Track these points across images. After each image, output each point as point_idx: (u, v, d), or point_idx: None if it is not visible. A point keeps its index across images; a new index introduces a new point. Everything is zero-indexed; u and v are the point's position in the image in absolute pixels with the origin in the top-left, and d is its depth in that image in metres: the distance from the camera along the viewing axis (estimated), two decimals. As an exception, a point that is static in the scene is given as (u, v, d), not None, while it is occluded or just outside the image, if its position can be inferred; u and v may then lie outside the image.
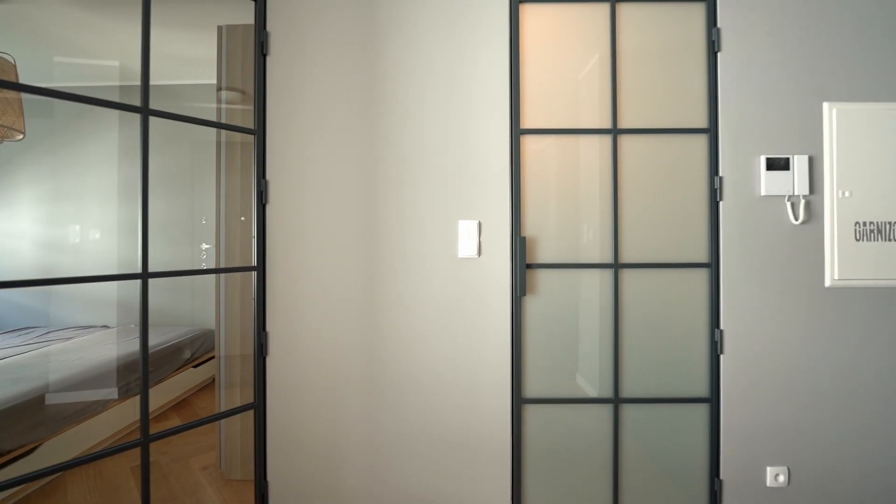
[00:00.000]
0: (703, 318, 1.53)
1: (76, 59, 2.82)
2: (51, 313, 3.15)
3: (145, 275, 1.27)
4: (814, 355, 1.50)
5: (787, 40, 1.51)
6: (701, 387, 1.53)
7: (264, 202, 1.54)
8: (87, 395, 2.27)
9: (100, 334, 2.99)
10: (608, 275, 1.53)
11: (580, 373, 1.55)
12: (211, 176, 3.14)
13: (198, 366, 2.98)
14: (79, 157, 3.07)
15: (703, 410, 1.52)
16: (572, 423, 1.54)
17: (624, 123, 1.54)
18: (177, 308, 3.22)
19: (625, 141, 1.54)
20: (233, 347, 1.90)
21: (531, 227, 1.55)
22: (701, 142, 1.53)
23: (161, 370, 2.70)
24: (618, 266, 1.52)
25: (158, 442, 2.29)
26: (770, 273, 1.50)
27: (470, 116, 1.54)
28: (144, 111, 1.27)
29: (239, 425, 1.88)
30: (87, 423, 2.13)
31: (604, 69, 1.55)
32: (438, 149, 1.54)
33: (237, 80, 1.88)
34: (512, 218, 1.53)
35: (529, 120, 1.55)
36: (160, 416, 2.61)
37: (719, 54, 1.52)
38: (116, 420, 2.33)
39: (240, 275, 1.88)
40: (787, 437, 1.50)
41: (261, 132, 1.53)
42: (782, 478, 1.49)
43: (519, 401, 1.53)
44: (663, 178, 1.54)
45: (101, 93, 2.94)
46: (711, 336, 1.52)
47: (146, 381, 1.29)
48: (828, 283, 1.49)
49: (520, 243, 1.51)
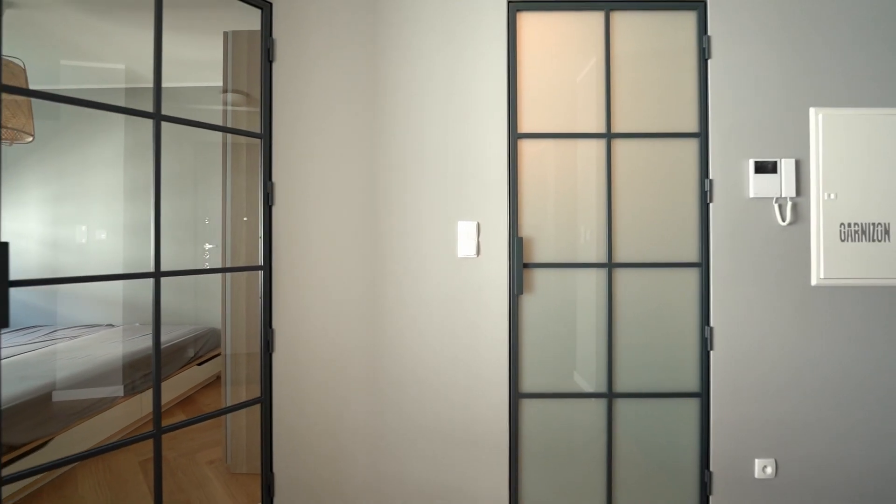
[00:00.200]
0: (694, 315, 1.58)
1: (83, 62, 2.87)
2: (57, 312, 3.20)
3: (158, 273, 1.33)
4: (800, 351, 1.56)
5: (776, 48, 1.57)
6: (692, 382, 1.58)
7: (270, 204, 1.59)
8: (93, 392, 2.32)
9: (105, 333, 3.04)
10: (602, 274, 1.59)
11: (575, 368, 1.61)
12: (214, 177, 3.20)
13: (202, 364, 3.04)
14: (85, 158, 3.12)
15: (693, 405, 1.58)
16: (568, 417, 1.60)
17: (618, 128, 1.60)
18: (181, 307, 3.27)
19: (619, 145, 1.60)
20: (238, 345, 1.95)
21: (528, 228, 1.61)
22: (692, 145, 1.59)
23: (166, 368, 2.75)
24: (611, 266, 1.58)
25: (166, 437, 2.34)
26: (758, 272, 1.56)
27: (469, 121, 1.59)
28: (157, 117, 1.32)
29: (244, 421, 1.94)
30: (93, 420, 2.18)
31: (600, 72, 1.60)
32: (438, 152, 1.59)
33: (243, 83, 1.93)
34: (510, 219, 1.59)
35: (527, 124, 1.61)
36: (166, 413, 2.66)
37: (710, 61, 1.57)
38: (123, 417, 2.38)
39: (245, 274, 1.93)
40: (775, 431, 1.56)
41: (267, 136, 1.58)
42: (770, 469, 1.55)
43: (516, 395, 1.58)
44: (656, 180, 1.59)
45: (106, 95, 3.00)
46: (702, 333, 1.58)
47: (158, 374, 1.34)
48: (814, 282, 1.55)
49: (517, 243, 1.56)
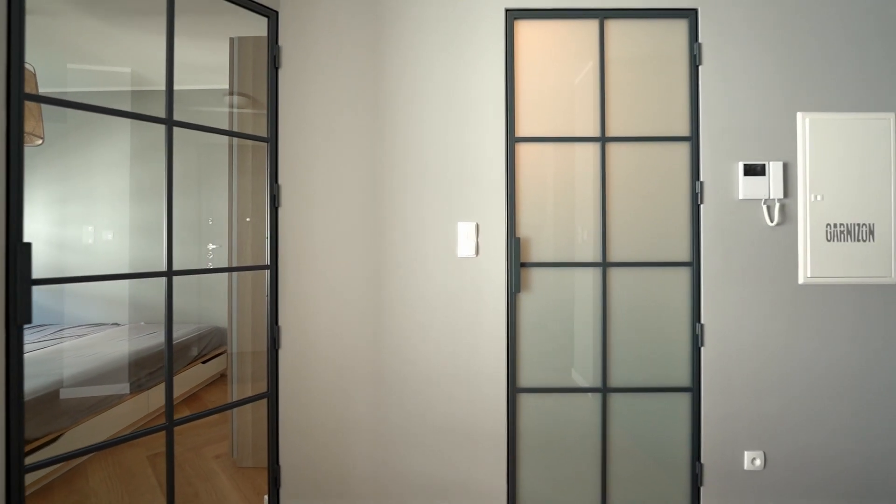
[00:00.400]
0: (686, 313, 1.64)
1: (89, 65, 2.93)
2: (64, 311, 3.25)
3: (170, 273, 1.38)
4: (788, 347, 1.61)
5: (764, 55, 1.63)
6: (683, 377, 1.64)
7: (277, 205, 1.65)
8: (100, 390, 2.37)
9: (111, 331, 3.10)
10: (597, 273, 1.65)
11: (573, 366, 1.66)
12: (217, 178, 3.25)
13: (206, 362, 3.09)
14: (91, 159, 3.18)
15: (685, 399, 1.64)
16: (563, 411, 1.65)
17: (612, 132, 1.65)
18: (184, 306, 3.33)
19: (613, 148, 1.65)
20: (244, 343, 2.01)
21: (526, 229, 1.66)
22: (683, 149, 1.64)
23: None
24: (606, 265, 1.63)
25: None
26: (747, 271, 1.62)
27: (468, 125, 1.65)
28: (169, 122, 1.38)
29: (250, 416, 1.99)
30: (101, 417, 2.24)
31: (595, 78, 1.66)
32: (439, 155, 1.65)
33: (248, 87, 1.99)
34: (507, 220, 1.65)
35: (524, 128, 1.66)
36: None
37: (700, 67, 1.63)
38: (129, 413, 2.43)
39: (250, 273, 1.99)
40: (763, 424, 1.61)
41: (273, 140, 1.64)
42: (759, 461, 1.61)
43: (514, 390, 1.64)
44: (649, 182, 1.65)
45: (112, 97, 3.06)
46: (693, 330, 1.63)
47: (170, 369, 1.40)
48: (801, 280, 1.61)
49: (514, 244, 1.62)
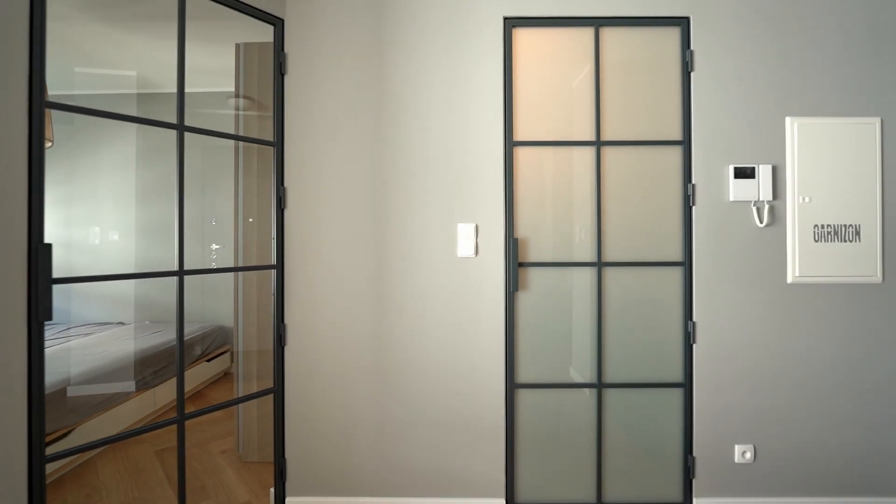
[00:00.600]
0: (678, 311, 1.70)
1: (95, 69, 2.98)
2: (71, 310, 3.31)
3: (181, 272, 1.44)
4: (777, 344, 1.67)
5: (754, 61, 1.68)
6: (676, 373, 1.70)
7: (283, 207, 1.70)
8: (107, 387, 2.42)
9: (117, 330, 3.15)
10: (592, 272, 1.70)
11: (567, 360, 1.72)
12: (220, 179, 3.30)
13: (210, 360, 3.15)
14: (97, 161, 3.23)
15: (677, 394, 1.69)
16: (560, 406, 1.71)
17: (607, 136, 1.71)
18: (188, 305, 3.37)
19: (608, 152, 1.71)
20: (249, 341, 2.06)
21: (524, 229, 1.72)
22: (676, 152, 1.70)
23: (175, 364, 2.86)
24: (601, 265, 1.69)
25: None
26: (738, 271, 1.67)
27: (468, 129, 1.70)
28: (180, 128, 1.43)
29: (255, 413, 2.05)
30: (109, 413, 2.29)
31: (590, 84, 1.71)
32: (440, 158, 1.71)
33: (253, 92, 2.04)
34: (506, 221, 1.70)
35: (522, 132, 1.72)
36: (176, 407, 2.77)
37: (692, 74, 1.69)
38: (136, 411, 2.48)
39: (256, 273, 2.04)
40: (753, 418, 1.67)
41: (279, 144, 1.70)
42: (749, 454, 1.66)
43: (512, 386, 1.70)
44: (642, 185, 1.70)
45: (118, 99, 3.12)
46: (685, 327, 1.69)
47: (182, 364, 1.45)
48: (789, 279, 1.66)
49: (512, 244, 1.67)
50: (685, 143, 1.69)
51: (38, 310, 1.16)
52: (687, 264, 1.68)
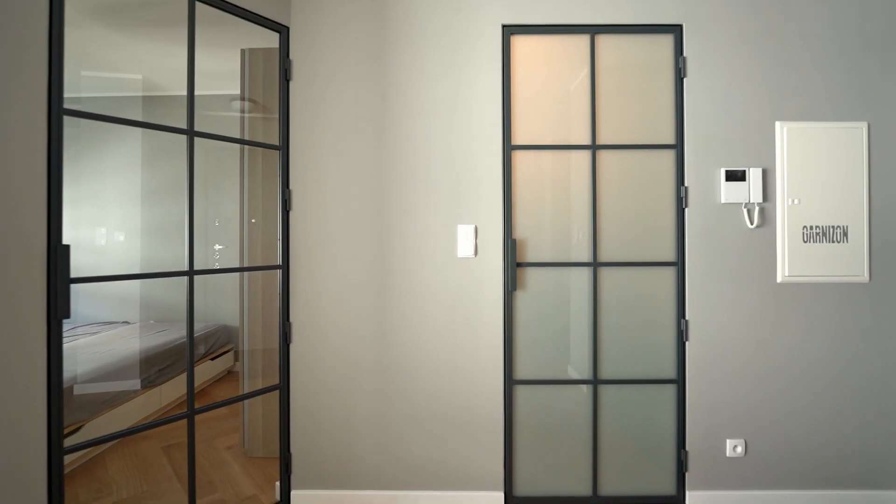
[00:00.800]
0: (671, 309, 1.75)
1: (101, 72, 3.03)
2: (77, 310, 3.36)
3: (191, 272, 1.49)
4: (767, 341, 1.72)
5: (745, 68, 1.74)
6: (669, 369, 1.75)
7: (288, 209, 1.75)
8: (114, 385, 2.48)
9: (122, 329, 3.21)
10: (589, 272, 1.76)
11: (564, 357, 1.77)
12: (223, 180, 3.35)
13: (215, 359, 3.20)
14: (102, 162, 3.28)
15: (670, 390, 1.75)
16: (557, 401, 1.76)
17: (602, 140, 1.76)
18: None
19: (603, 155, 1.76)
20: (254, 339, 2.11)
21: (522, 230, 1.77)
22: (669, 156, 1.75)
23: (180, 363, 2.91)
24: (596, 265, 1.74)
25: (185, 425, 2.50)
26: (729, 270, 1.73)
27: (468, 133, 1.76)
28: (190, 133, 1.49)
29: (260, 409, 2.10)
30: (116, 410, 2.34)
31: (586, 90, 1.77)
32: (440, 161, 1.76)
33: (258, 96, 2.09)
34: (505, 223, 1.76)
35: (520, 136, 1.77)
36: (182, 404, 2.82)
37: (685, 79, 1.74)
38: (143, 408, 2.53)
39: (261, 273, 2.09)
40: (744, 413, 1.72)
41: (285, 147, 1.75)
42: (740, 448, 1.72)
43: (510, 382, 1.75)
44: (636, 187, 1.76)
45: (124, 102, 3.17)
46: (678, 325, 1.74)
47: (192, 361, 1.51)
48: (779, 279, 1.72)
49: (511, 245, 1.73)
50: (678, 147, 1.74)
51: (58, 308, 1.21)
52: (680, 264, 1.74)
